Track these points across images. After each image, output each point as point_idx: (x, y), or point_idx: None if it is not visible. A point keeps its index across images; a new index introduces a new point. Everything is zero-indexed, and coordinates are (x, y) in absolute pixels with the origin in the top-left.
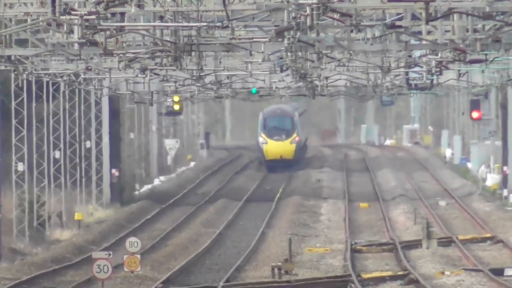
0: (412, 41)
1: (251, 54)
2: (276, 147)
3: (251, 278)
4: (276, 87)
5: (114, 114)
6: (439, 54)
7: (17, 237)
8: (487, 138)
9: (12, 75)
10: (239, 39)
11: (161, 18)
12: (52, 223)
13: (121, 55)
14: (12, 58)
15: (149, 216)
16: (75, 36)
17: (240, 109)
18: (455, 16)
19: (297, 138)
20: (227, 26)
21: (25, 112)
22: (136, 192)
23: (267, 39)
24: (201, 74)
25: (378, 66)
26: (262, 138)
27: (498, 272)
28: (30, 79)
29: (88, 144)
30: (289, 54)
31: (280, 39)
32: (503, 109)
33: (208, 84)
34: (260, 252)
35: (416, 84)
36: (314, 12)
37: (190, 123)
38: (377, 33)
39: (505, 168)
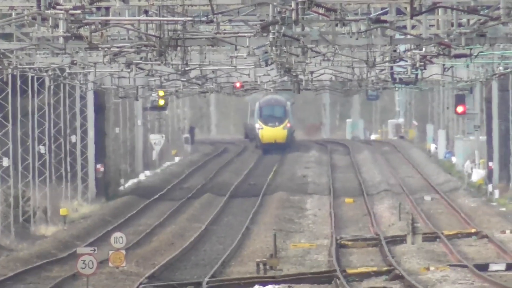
0: (397, 36)
1: (236, 49)
2: (271, 132)
3: (236, 273)
4: (261, 81)
5: (99, 108)
6: (424, 49)
7: (2, 233)
8: (471, 133)
9: None
10: (224, 33)
11: (146, 12)
12: (37, 219)
13: (106, 49)
14: None
15: (134, 211)
16: (60, 30)
17: (225, 103)
18: (440, 10)
19: (289, 125)
20: (212, 21)
21: (9, 107)
22: (121, 187)
23: (252, 34)
24: (186, 68)
25: (363, 61)
26: (258, 124)
27: (483, 267)
28: (15, 73)
29: (73, 139)
30: (274, 48)
31: (265, 34)
32: (487, 104)
33: (193, 79)
34: (245, 247)
35: (401, 79)
36: (299, 7)
37: (175, 117)
38: (362, 28)
39: (490, 163)
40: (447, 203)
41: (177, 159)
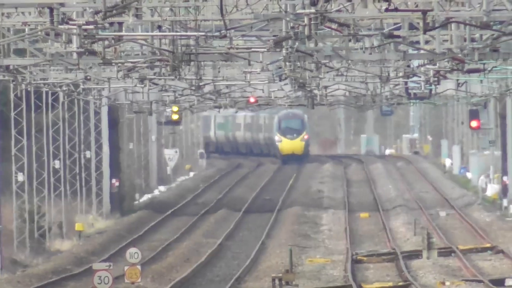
0: (410, 51)
1: (249, 64)
2: (289, 144)
3: None
4: (275, 97)
5: (113, 124)
6: (437, 64)
7: (17, 248)
8: (486, 148)
9: (11, 85)
10: (237, 48)
11: (159, 27)
12: (53, 234)
13: (119, 64)
14: (11, 67)
15: (149, 226)
16: (74, 46)
17: None
18: (453, 25)
19: (306, 137)
20: (225, 36)
21: (24, 122)
22: (136, 202)
23: (265, 49)
24: (200, 83)
25: (377, 76)
26: (277, 136)
27: (499, 282)
28: (29, 89)
29: (87, 154)
30: (287, 63)
31: (278, 49)
32: (502, 119)
33: (207, 94)
34: (260, 263)
35: (415, 94)
36: (312, 22)
37: (190, 132)
38: (375, 43)
39: (504, 178)
40: (462, 218)
41: (191, 174)
